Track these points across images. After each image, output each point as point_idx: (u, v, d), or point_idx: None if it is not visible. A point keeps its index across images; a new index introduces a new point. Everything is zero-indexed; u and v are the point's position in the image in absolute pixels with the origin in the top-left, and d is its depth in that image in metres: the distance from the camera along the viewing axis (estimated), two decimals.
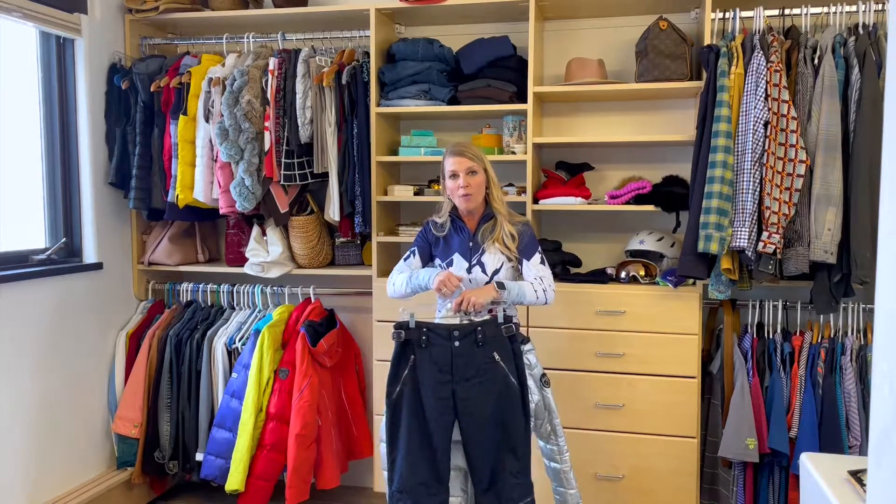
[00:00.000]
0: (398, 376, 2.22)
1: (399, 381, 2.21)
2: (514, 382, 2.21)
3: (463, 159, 2.40)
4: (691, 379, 2.83)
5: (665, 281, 2.88)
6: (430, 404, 2.19)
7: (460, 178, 2.39)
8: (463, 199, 2.41)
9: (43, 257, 3.00)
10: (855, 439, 2.66)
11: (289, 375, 3.08)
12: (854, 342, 2.77)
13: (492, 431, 2.20)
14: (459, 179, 2.39)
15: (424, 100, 3.10)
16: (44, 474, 2.92)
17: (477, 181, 2.41)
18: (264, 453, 3.04)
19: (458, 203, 2.44)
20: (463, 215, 2.49)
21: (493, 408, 2.19)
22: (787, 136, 2.59)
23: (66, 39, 3.10)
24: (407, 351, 2.22)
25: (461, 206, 2.43)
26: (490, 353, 2.20)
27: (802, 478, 1.75)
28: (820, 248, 2.57)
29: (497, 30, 3.25)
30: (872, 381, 1.10)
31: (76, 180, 3.16)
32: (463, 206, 2.43)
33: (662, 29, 2.86)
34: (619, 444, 2.91)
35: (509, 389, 2.20)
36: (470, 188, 2.39)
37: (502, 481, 2.19)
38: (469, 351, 2.20)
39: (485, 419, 2.19)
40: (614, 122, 3.23)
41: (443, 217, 2.50)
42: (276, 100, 3.09)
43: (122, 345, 3.31)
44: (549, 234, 3.26)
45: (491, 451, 2.20)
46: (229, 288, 3.44)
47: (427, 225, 2.55)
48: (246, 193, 3.07)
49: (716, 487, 2.90)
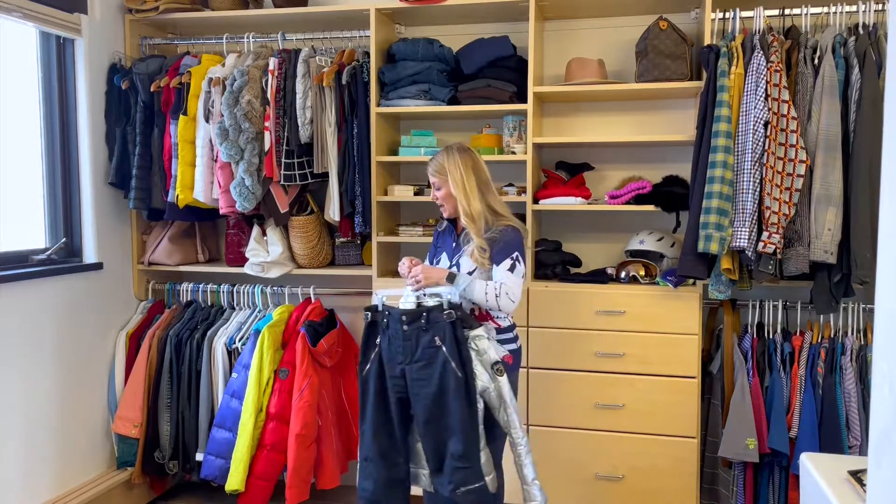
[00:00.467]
0: (367, 354, 2.43)
1: (368, 360, 2.42)
2: (455, 368, 2.28)
3: (429, 173, 2.52)
4: (691, 379, 2.83)
5: (665, 281, 2.88)
6: (388, 382, 2.38)
7: (435, 190, 2.53)
8: (440, 208, 2.55)
9: (43, 257, 3.00)
10: (855, 439, 2.66)
11: (289, 375, 3.08)
12: (854, 342, 2.77)
13: (434, 413, 2.30)
14: (435, 191, 2.53)
15: (424, 100, 3.10)
16: (44, 474, 2.92)
17: (441, 194, 2.50)
18: (264, 453, 3.04)
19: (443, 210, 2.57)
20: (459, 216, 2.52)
21: (435, 390, 2.30)
22: (787, 136, 2.59)
23: (66, 39, 3.10)
24: (374, 331, 2.43)
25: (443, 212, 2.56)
26: (433, 337, 2.30)
27: (802, 478, 1.75)
28: (820, 248, 2.57)
29: (497, 30, 3.25)
30: (872, 381, 1.10)
31: (76, 180, 3.16)
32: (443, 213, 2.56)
33: (662, 29, 2.87)
34: (619, 444, 2.91)
35: (448, 374, 2.28)
36: (438, 201, 2.52)
37: (447, 465, 2.31)
38: (415, 334, 2.32)
39: (427, 401, 2.31)
40: (614, 122, 3.23)
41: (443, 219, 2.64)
42: (276, 100, 3.09)
43: (122, 345, 3.31)
44: (549, 234, 3.26)
45: (433, 433, 2.32)
46: (229, 288, 3.44)
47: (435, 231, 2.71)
48: (246, 193, 3.07)
49: (716, 487, 2.90)
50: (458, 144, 2.53)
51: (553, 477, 2.99)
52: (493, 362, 2.36)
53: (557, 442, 2.98)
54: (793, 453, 2.68)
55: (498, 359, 2.39)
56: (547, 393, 2.97)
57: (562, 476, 2.98)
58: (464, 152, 2.47)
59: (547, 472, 2.99)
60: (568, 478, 2.98)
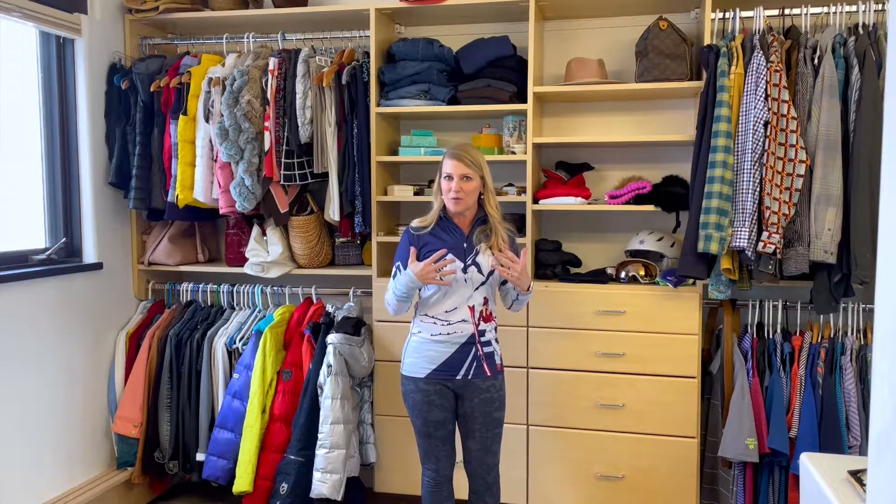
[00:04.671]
0: None
1: None
2: None
3: (460, 164, 2.42)
4: (691, 379, 2.83)
5: (665, 281, 2.88)
6: None
7: (454, 182, 2.42)
8: (453, 201, 2.43)
9: (43, 257, 3.00)
10: (855, 439, 2.66)
11: (292, 377, 3.09)
12: (854, 342, 2.77)
13: None
14: (453, 182, 2.42)
15: (424, 100, 3.10)
16: (44, 474, 2.92)
17: (470, 187, 2.43)
18: (267, 454, 3.04)
19: (448, 204, 2.46)
20: (453, 216, 2.49)
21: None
22: (787, 136, 2.59)
23: (66, 39, 3.10)
24: None
25: (450, 206, 2.46)
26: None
27: (802, 478, 1.75)
28: (820, 248, 2.57)
29: (497, 30, 3.25)
30: (872, 381, 1.10)
31: (76, 180, 3.16)
32: (452, 208, 2.45)
33: (662, 29, 2.87)
34: (619, 444, 2.91)
35: None
36: (461, 193, 2.42)
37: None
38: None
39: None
40: (614, 122, 3.23)
41: (429, 220, 2.49)
42: (276, 100, 3.09)
43: (122, 345, 3.31)
44: (549, 234, 3.26)
45: None
46: (229, 288, 3.44)
47: (407, 234, 2.51)
48: (246, 193, 3.07)
49: (716, 487, 2.90)
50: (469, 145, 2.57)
51: (553, 477, 2.99)
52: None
53: (557, 442, 2.98)
54: (793, 453, 2.68)
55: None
56: (547, 393, 2.97)
57: (562, 476, 2.98)
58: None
59: (547, 472, 2.99)
60: (568, 478, 2.98)
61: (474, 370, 2.43)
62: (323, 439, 2.92)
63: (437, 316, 2.43)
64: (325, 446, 2.91)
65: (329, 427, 2.91)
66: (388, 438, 3.14)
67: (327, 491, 2.88)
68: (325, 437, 2.92)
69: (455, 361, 2.42)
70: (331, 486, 2.89)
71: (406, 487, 3.13)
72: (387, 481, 3.17)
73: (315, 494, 2.90)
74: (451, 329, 2.42)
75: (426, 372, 2.43)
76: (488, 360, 2.45)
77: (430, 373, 2.42)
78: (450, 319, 2.42)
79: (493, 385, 2.46)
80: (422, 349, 2.44)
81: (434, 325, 2.43)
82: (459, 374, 2.42)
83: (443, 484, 2.52)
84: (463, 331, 2.42)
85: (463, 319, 2.42)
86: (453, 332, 2.42)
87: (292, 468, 2.95)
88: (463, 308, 2.42)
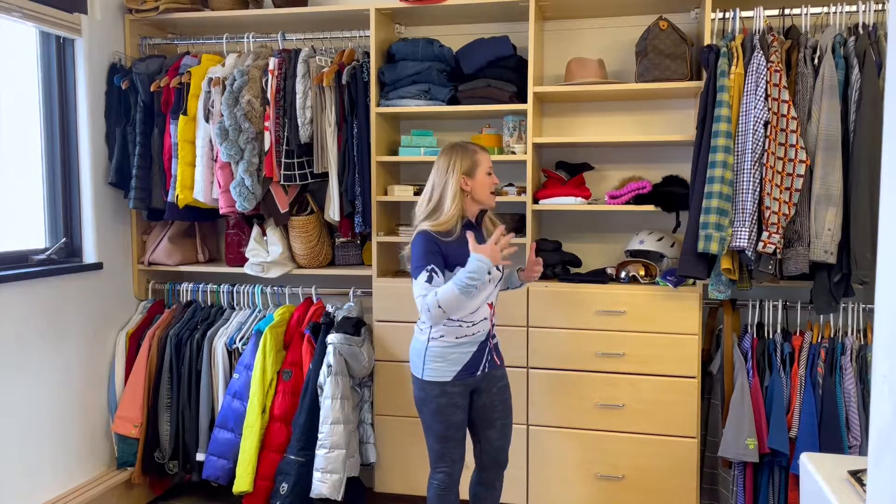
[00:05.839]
0: None
1: None
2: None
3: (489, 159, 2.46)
4: (691, 379, 2.83)
5: (665, 281, 2.88)
6: None
7: (493, 175, 2.45)
8: (493, 196, 2.45)
9: (43, 257, 3.00)
10: (855, 439, 2.66)
11: (292, 377, 3.09)
12: (854, 342, 2.77)
13: None
14: (493, 176, 2.45)
15: (424, 100, 3.10)
16: (44, 474, 2.92)
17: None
18: (267, 454, 3.05)
19: (488, 200, 2.44)
20: (471, 216, 2.45)
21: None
22: (787, 136, 2.59)
23: (66, 39, 3.10)
24: None
25: (490, 203, 2.45)
26: None
27: (802, 478, 1.75)
28: (820, 248, 2.57)
29: (497, 30, 3.25)
30: (872, 381, 1.10)
31: (76, 180, 3.16)
32: (492, 204, 2.46)
33: (662, 29, 2.87)
34: (619, 444, 2.91)
35: None
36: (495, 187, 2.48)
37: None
38: None
39: None
40: (614, 122, 3.23)
41: (450, 222, 2.35)
42: (276, 100, 3.09)
43: (122, 345, 3.31)
44: (549, 234, 3.26)
45: None
46: (229, 288, 3.44)
47: (428, 238, 2.32)
48: (246, 193, 3.07)
49: (716, 487, 2.90)
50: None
51: (553, 477, 2.99)
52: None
53: (557, 442, 2.98)
54: (793, 453, 2.68)
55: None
56: (547, 393, 2.97)
57: (562, 476, 2.98)
58: None
59: (547, 472, 2.99)
60: (568, 478, 2.98)
61: (489, 363, 2.47)
62: (323, 439, 2.92)
63: (463, 318, 2.38)
64: (325, 446, 2.91)
65: (329, 427, 2.92)
66: (389, 438, 3.14)
67: (327, 491, 2.88)
68: (325, 437, 2.92)
69: (476, 359, 2.42)
70: (331, 486, 2.89)
71: (406, 487, 3.14)
72: (387, 481, 3.17)
73: (315, 494, 2.91)
74: (475, 329, 2.41)
75: (452, 375, 2.39)
76: (496, 350, 2.52)
77: (455, 375, 2.39)
78: (474, 320, 2.40)
79: (504, 374, 2.55)
80: (446, 353, 2.38)
81: (460, 328, 2.38)
82: (479, 371, 2.44)
83: (452, 487, 2.50)
84: (484, 329, 2.43)
85: (484, 318, 2.43)
86: (477, 332, 2.41)
87: (292, 468, 2.96)
88: (484, 306, 2.42)
